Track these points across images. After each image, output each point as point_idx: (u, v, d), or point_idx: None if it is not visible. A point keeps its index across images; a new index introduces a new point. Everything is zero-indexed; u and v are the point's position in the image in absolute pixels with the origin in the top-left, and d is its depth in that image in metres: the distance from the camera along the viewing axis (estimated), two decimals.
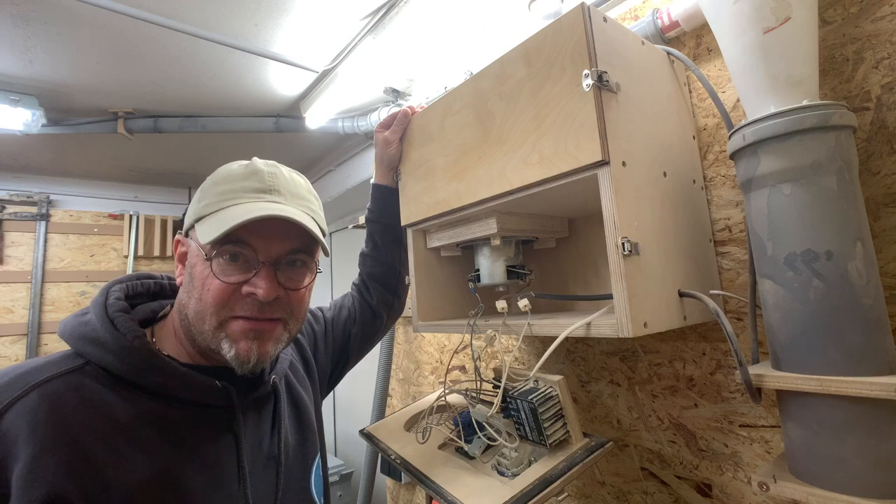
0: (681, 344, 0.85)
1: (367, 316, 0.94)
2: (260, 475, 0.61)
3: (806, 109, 0.55)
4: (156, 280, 0.68)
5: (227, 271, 0.57)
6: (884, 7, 0.65)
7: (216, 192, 0.60)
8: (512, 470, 0.72)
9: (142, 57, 1.44)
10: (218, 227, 0.55)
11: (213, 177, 0.62)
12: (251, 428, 0.62)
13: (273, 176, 0.61)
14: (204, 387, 0.57)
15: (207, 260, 0.56)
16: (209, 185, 0.61)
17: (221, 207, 0.58)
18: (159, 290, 0.68)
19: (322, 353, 0.86)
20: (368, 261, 0.98)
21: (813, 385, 0.53)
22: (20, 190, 2.56)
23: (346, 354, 0.90)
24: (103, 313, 0.56)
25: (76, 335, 0.55)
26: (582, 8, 0.62)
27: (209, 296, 0.56)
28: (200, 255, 0.57)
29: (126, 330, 0.55)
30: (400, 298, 1.00)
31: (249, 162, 0.63)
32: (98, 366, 0.53)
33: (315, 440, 0.73)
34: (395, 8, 1.18)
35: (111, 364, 0.53)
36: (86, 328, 0.55)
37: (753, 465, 0.76)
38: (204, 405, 0.58)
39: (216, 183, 0.61)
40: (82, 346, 0.54)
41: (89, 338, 0.54)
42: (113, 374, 0.53)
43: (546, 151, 0.67)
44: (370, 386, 1.71)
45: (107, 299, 0.58)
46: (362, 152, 2.13)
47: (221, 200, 0.59)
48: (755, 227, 0.61)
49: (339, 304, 0.95)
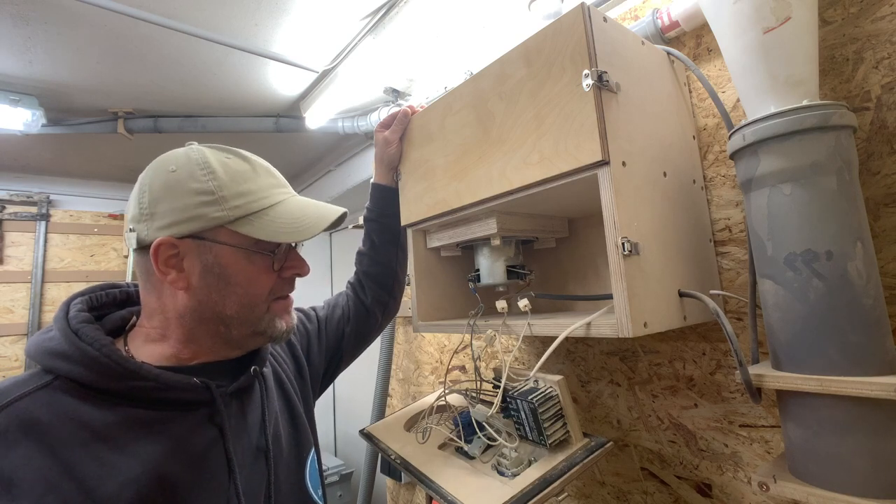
0: (681, 344, 0.85)
1: (362, 315, 0.94)
2: (251, 467, 0.61)
3: (806, 109, 0.55)
4: (121, 289, 0.67)
5: (272, 264, 0.62)
6: (884, 7, 0.65)
7: (239, 191, 0.59)
8: (512, 470, 0.72)
9: (142, 57, 1.43)
10: (293, 227, 0.61)
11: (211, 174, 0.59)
12: (237, 420, 0.62)
13: (270, 169, 0.66)
14: (181, 385, 0.56)
15: (263, 255, 0.61)
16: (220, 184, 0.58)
17: (263, 207, 0.61)
18: (126, 298, 0.66)
19: (315, 352, 0.86)
20: (365, 259, 0.97)
21: (813, 385, 0.53)
22: (20, 190, 2.55)
23: (339, 354, 0.90)
24: (66, 326, 0.55)
25: (42, 351, 0.54)
26: (582, 8, 0.62)
27: (259, 288, 0.61)
28: (241, 253, 0.60)
29: (91, 340, 0.53)
30: (395, 298, 0.99)
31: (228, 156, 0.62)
32: (68, 379, 0.52)
33: (308, 435, 0.73)
34: (395, 8, 1.18)
35: (80, 375, 0.52)
36: (50, 343, 0.54)
37: (753, 465, 0.76)
38: (184, 403, 0.57)
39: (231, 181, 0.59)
40: (49, 361, 0.53)
41: (55, 352, 0.53)
42: (84, 385, 0.52)
43: (546, 151, 0.67)
44: (370, 386, 1.70)
45: (68, 313, 0.57)
46: (362, 152, 2.13)
47: (256, 200, 0.60)
48: (755, 227, 0.61)
49: (332, 304, 0.94)
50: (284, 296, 0.65)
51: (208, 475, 0.56)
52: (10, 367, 2.45)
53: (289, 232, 0.60)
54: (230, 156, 0.62)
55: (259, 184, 0.62)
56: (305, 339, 0.86)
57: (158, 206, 0.58)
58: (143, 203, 0.58)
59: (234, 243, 0.59)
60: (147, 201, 0.58)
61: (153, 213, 0.58)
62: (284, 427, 0.69)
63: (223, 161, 0.61)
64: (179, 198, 0.58)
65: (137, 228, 0.58)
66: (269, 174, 0.64)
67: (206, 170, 0.59)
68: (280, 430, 0.68)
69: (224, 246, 0.59)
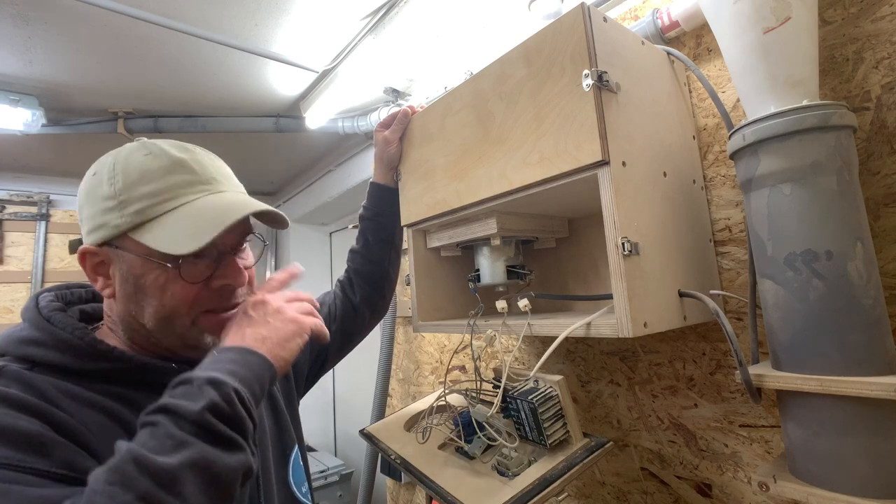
0: (681, 344, 0.85)
1: (349, 314, 0.93)
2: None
3: (806, 109, 0.55)
4: (87, 288, 0.64)
5: (194, 273, 0.55)
6: (884, 7, 0.65)
7: (142, 193, 0.54)
8: (512, 470, 0.72)
9: (142, 57, 1.43)
10: (189, 234, 0.52)
11: (116, 175, 0.54)
12: None
13: (198, 164, 0.58)
14: (159, 369, 0.55)
15: (169, 267, 0.53)
16: (122, 187, 0.54)
17: (166, 211, 0.54)
18: (92, 297, 0.64)
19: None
20: (357, 257, 0.97)
21: (813, 385, 0.53)
22: (20, 190, 2.55)
23: (324, 353, 0.89)
24: (37, 316, 0.53)
25: (13, 341, 0.52)
26: (582, 8, 0.62)
27: (176, 301, 0.54)
28: (151, 263, 0.53)
29: (63, 325, 0.52)
30: (385, 298, 0.98)
31: (151, 152, 0.56)
32: (45, 364, 0.50)
33: (291, 432, 0.73)
34: (395, 8, 1.18)
35: (57, 359, 0.50)
36: (22, 332, 0.52)
37: (753, 465, 0.76)
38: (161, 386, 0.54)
39: (134, 183, 0.54)
40: (22, 350, 0.51)
41: (27, 340, 0.51)
42: (62, 370, 0.51)
43: (546, 151, 0.67)
44: (370, 386, 1.70)
45: (38, 304, 0.55)
46: (362, 152, 2.13)
47: (159, 203, 0.54)
48: (755, 227, 0.61)
49: (319, 302, 0.93)
50: (216, 309, 0.57)
51: None
52: None
53: (178, 241, 0.52)
54: (158, 151, 0.56)
55: (167, 183, 0.55)
56: None
57: (82, 211, 0.56)
58: (79, 207, 0.58)
59: (138, 252, 0.54)
60: (78, 206, 0.58)
61: (81, 219, 0.57)
62: (268, 424, 0.69)
63: (140, 159, 0.55)
64: (93, 203, 0.55)
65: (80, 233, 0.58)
66: (186, 171, 0.56)
67: (113, 171, 0.55)
68: (264, 425, 0.67)
69: (132, 255, 0.54)
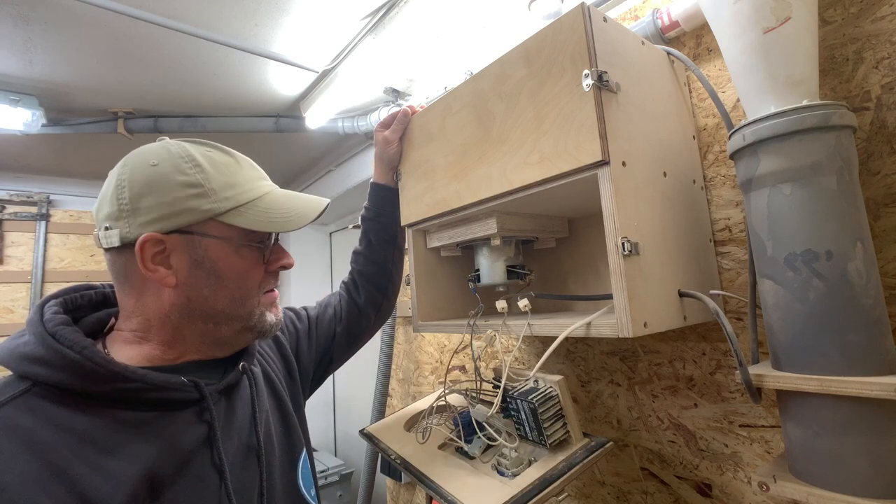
0: (681, 344, 0.85)
1: (354, 315, 0.93)
2: (241, 467, 0.60)
3: (806, 109, 0.55)
4: (97, 290, 0.64)
5: (262, 256, 0.63)
6: (884, 7, 0.65)
7: (229, 182, 0.60)
8: (512, 470, 0.72)
9: (142, 57, 1.43)
10: (276, 218, 0.61)
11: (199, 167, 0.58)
12: (226, 418, 0.60)
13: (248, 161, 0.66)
14: (169, 384, 0.55)
15: (251, 247, 0.61)
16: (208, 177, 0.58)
17: (252, 198, 0.61)
18: (102, 299, 0.64)
19: (305, 351, 0.85)
20: (360, 259, 0.97)
21: (813, 385, 0.53)
22: (20, 190, 2.55)
23: (329, 353, 0.89)
24: (41, 331, 0.52)
25: (17, 356, 0.51)
26: (582, 8, 0.62)
27: (251, 282, 0.61)
28: (230, 247, 0.59)
29: (70, 342, 0.51)
30: (389, 299, 0.98)
31: (213, 148, 0.62)
32: (47, 385, 0.50)
33: (300, 434, 0.72)
34: (395, 8, 1.18)
35: (61, 380, 0.50)
36: (25, 348, 0.51)
37: (753, 465, 0.76)
38: (172, 403, 0.56)
39: (218, 173, 0.59)
40: (25, 368, 0.50)
41: (31, 357, 0.50)
42: (65, 390, 0.50)
43: (546, 151, 0.67)
44: (370, 386, 1.70)
45: (42, 316, 0.53)
46: (362, 152, 2.13)
47: (245, 192, 0.61)
48: (755, 227, 0.61)
49: (325, 303, 0.94)
50: (271, 289, 0.66)
51: (199, 475, 0.55)
52: None
53: (281, 222, 0.61)
54: (210, 149, 0.62)
55: (244, 175, 0.62)
56: (294, 339, 0.85)
57: (141, 201, 0.56)
58: (122, 199, 0.56)
59: (224, 236, 0.59)
60: (127, 197, 0.56)
61: (135, 210, 0.55)
62: (276, 426, 0.68)
63: (205, 154, 0.60)
64: (166, 192, 0.56)
65: (116, 226, 0.56)
66: (251, 167, 0.65)
67: (191, 162, 0.58)
68: (271, 428, 0.67)
69: (214, 239, 0.58)
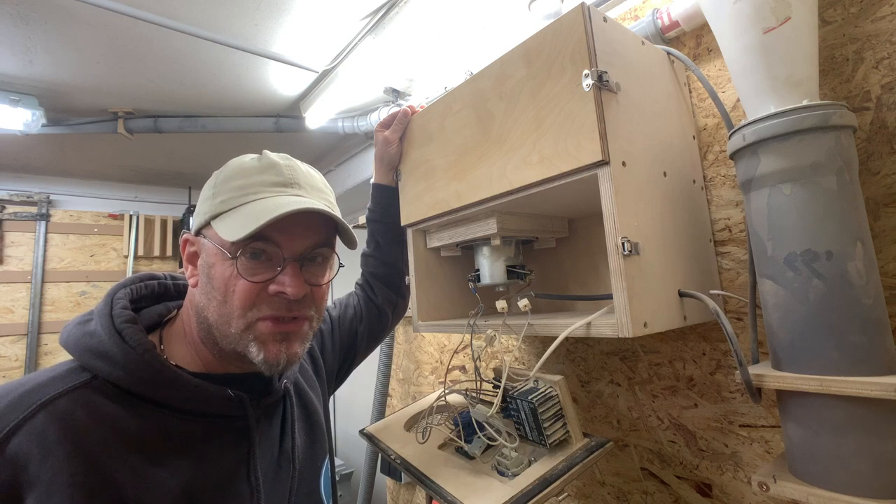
0: (681, 344, 0.85)
1: (374, 314, 0.94)
2: (273, 480, 0.60)
3: (806, 109, 0.55)
4: (159, 281, 0.65)
5: (252, 270, 0.54)
6: (884, 7, 0.65)
7: (231, 186, 0.57)
8: (512, 470, 0.72)
9: (142, 57, 1.43)
10: (244, 223, 0.52)
11: (223, 171, 0.59)
12: (264, 436, 0.61)
13: (290, 169, 0.60)
14: (216, 398, 0.55)
15: (231, 259, 0.54)
16: (222, 180, 0.58)
17: (242, 203, 0.56)
18: (164, 291, 0.65)
19: (329, 351, 0.86)
20: (371, 261, 0.98)
21: (813, 385, 0.53)
22: (20, 190, 2.55)
23: (353, 352, 0.90)
24: (110, 325, 0.53)
25: (81, 347, 0.52)
26: (582, 8, 0.62)
27: (235, 298, 0.54)
28: (220, 254, 0.55)
29: (135, 343, 0.52)
30: (404, 298, 0.99)
31: (261, 155, 0.60)
32: (106, 380, 0.51)
33: (324, 442, 0.73)
34: (395, 8, 1.18)
35: (120, 378, 0.51)
36: (92, 340, 0.52)
37: (753, 465, 0.76)
38: (216, 416, 0.56)
39: (230, 178, 0.58)
40: (89, 360, 0.52)
41: (96, 351, 0.52)
42: (121, 388, 0.51)
43: (546, 151, 0.67)
44: (370, 386, 1.71)
45: (112, 308, 0.55)
46: (362, 152, 2.13)
47: (240, 196, 0.56)
48: (755, 227, 0.61)
49: (344, 303, 0.94)
50: (272, 317, 0.55)
51: (235, 492, 0.55)
52: (9, 367, 2.45)
53: (234, 229, 0.53)
54: (264, 156, 0.60)
55: (254, 180, 0.57)
56: (320, 339, 0.86)
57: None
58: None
59: (218, 241, 0.55)
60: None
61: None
62: (301, 437, 0.68)
63: (246, 160, 0.60)
64: (202, 196, 0.61)
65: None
66: (275, 172, 0.58)
67: (223, 169, 0.60)
68: (297, 440, 0.67)
69: (210, 243, 0.57)
